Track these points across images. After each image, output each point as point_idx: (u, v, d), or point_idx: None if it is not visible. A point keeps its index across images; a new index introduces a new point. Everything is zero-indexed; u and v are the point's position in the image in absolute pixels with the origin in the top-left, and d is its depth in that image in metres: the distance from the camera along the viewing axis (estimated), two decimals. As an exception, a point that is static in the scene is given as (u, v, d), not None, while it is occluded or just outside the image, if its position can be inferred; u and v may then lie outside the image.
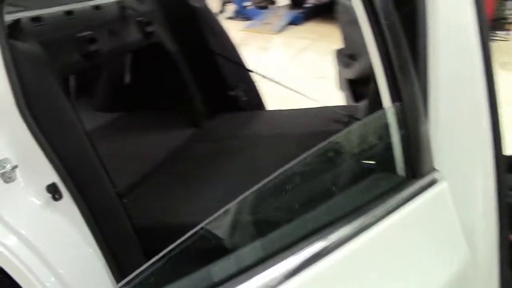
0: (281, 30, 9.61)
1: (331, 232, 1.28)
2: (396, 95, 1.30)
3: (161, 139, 3.00)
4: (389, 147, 1.29)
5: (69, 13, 2.49)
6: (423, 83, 1.35)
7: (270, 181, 1.35)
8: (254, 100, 3.39)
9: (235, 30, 9.49)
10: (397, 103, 1.29)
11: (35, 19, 2.28)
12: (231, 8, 10.72)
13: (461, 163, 1.42)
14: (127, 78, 3.34)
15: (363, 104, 3.05)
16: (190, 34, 3.26)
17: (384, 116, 1.30)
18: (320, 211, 1.30)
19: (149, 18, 3.00)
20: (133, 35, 2.90)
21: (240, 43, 8.52)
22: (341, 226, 1.27)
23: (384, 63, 1.31)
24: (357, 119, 2.75)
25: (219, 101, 3.30)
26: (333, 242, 1.27)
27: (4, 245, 1.69)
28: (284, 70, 7.22)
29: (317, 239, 1.28)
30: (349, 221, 1.26)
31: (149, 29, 3.00)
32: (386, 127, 1.30)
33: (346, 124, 2.77)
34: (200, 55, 3.25)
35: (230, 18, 10.56)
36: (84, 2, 2.68)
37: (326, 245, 1.26)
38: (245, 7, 10.64)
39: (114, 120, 3.37)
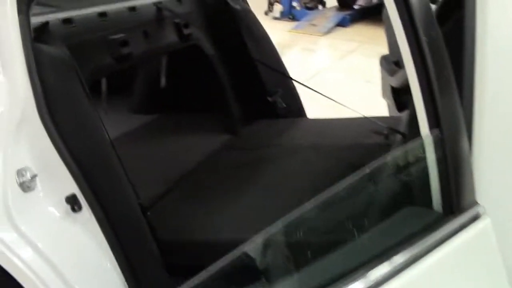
0: (328, 31, 9.44)
1: (365, 272, 1.16)
2: (435, 121, 1.17)
3: (194, 145, 2.92)
4: (424, 179, 1.15)
5: (102, 14, 2.42)
6: (467, 106, 1.21)
7: (304, 207, 1.22)
8: (293, 107, 3.27)
9: (281, 31, 9.41)
10: (436, 130, 1.16)
11: (66, 20, 2.22)
12: (278, 8, 10.59)
13: (506, 197, 1.27)
14: (163, 80, 3.26)
15: (405, 115, 2.90)
16: (229, 37, 3.16)
17: (420, 145, 1.17)
18: (350, 247, 1.18)
19: (187, 20, 2.92)
20: (169, 37, 2.82)
21: (286, 44, 8.50)
22: (374, 266, 1.14)
23: (422, 84, 1.18)
24: (398, 132, 2.60)
25: (257, 107, 3.20)
26: (368, 282, 1.15)
27: (19, 257, 1.63)
28: (330, 72, 7.08)
29: (351, 279, 1.16)
30: (381, 262, 1.13)
31: (187, 31, 2.92)
32: (422, 156, 1.16)
33: (386, 136, 2.63)
34: (239, 59, 3.15)
35: (277, 18, 10.44)
36: (119, 3, 2.62)
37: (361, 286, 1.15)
38: (292, 7, 10.50)
39: (148, 123, 3.31)
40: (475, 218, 1.21)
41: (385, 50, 3.58)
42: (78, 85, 1.83)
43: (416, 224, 1.11)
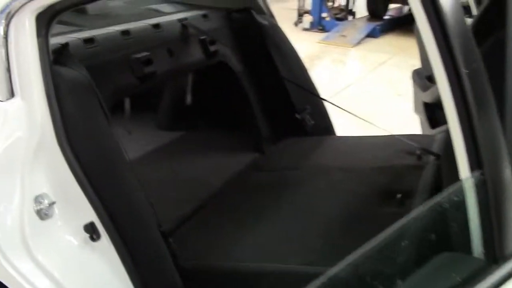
0: (358, 42, 9.33)
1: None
2: (476, 162, 1.06)
3: (220, 165, 2.85)
4: (464, 222, 1.05)
5: (125, 33, 2.38)
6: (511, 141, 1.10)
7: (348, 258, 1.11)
8: (322, 124, 3.18)
9: (311, 42, 9.33)
10: (477, 172, 1.06)
11: (88, 40, 2.17)
12: (308, 19, 10.51)
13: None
14: (190, 97, 3.21)
15: (439, 135, 2.79)
16: (256, 53, 3.09)
17: (460, 188, 1.07)
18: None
19: (213, 36, 2.86)
20: (194, 54, 2.76)
21: (315, 56, 8.42)
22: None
23: (462, 122, 1.08)
24: (431, 153, 2.50)
25: (285, 125, 3.12)
26: None
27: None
28: (360, 85, 6.96)
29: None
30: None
31: (213, 48, 2.86)
32: (462, 199, 1.06)
33: (419, 157, 2.52)
34: (266, 75, 3.08)
35: (307, 29, 10.36)
36: (143, 21, 2.57)
37: None
38: (322, 18, 10.41)
39: (173, 140, 3.26)
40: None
41: (417, 62, 3.48)
42: (98, 109, 1.77)
43: (456, 272, 1.01)
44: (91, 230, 1.65)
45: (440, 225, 1.04)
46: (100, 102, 1.80)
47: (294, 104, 3.07)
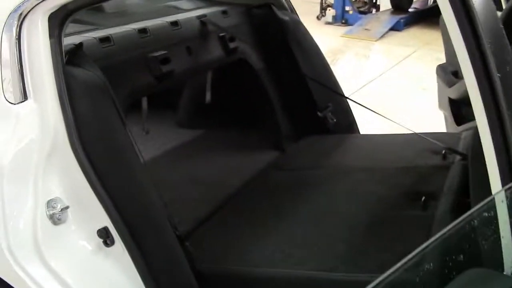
0: (382, 36, 9.19)
1: None
2: (509, 176, 0.99)
3: (240, 164, 2.79)
4: (494, 237, 0.98)
5: (142, 31, 2.33)
6: None
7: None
8: (344, 122, 3.11)
9: (334, 36, 9.22)
10: (510, 186, 0.98)
11: (104, 39, 2.13)
12: (331, 13, 10.38)
13: None
14: (209, 95, 3.16)
15: (465, 133, 2.71)
16: (277, 50, 3.03)
17: (490, 203, 0.99)
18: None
19: (232, 33, 2.80)
20: (213, 52, 2.71)
21: (338, 50, 8.32)
22: None
23: (495, 132, 1.00)
24: (458, 153, 2.41)
25: (306, 123, 3.05)
26: None
27: (48, 296, 1.54)
28: (384, 80, 6.86)
29: None
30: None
31: (233, 45, 2.80)
32: (493, 214, 0.99)
33: (444, 157, 2.44)
34: (287, 72, 3.01)
35: (329, 23, 10.24)
36: (161, 18, 2.52)
37: None
38: (345, 12, 10.28)
39: (193, 138, 3.21)
40: None
41: (442, 56, 3.39)
42: (112, 111, 1.73)
43: (491, 286, 0.94)
44: (104, 235, 1.61)
45: (469, 240, 0.97)
46: (114, 104, 1.76)
47: (315, 102, 3.00)
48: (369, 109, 2.62)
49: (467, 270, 0.94)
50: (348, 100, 3.13)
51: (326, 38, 8.31)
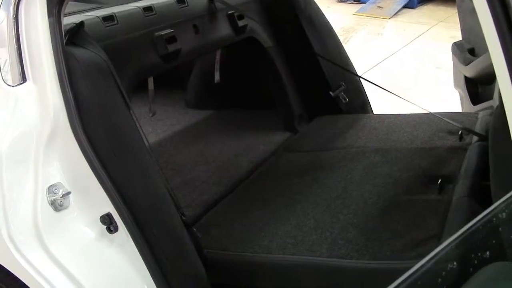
0: (395, 14, 9.02)
1: None
2: None
3: (250, 146, 2.72)
4: None
5: (148, 9, 2.25)
6: None
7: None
8: (357, 102, 3.03)
9: (346, 14, 9.07)
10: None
11: (108, 18, 2.06)
12: (343, -10, 10.21)
13: None
14: (218, 75, 3.08)
15: (482, 113, 2.61)
16: (288, 28, 2.94)
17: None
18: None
19: (241, 10, 2.72)
20: (222, 30, 2.63)
21: (351, 28, 8.18)
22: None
23: None
24: (475, 133, 2.33)
25: (318, 103, 2.97)
26: None
27: (49, 283, 1.49)
28: (397, 58, 6.73)
29: None
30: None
31: (241, 23, 2.72)
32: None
33: (460, 137, 2.35)
34: (299, 51, 2.93)
35: (342, 1, 10.06)
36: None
37: None
38: (358, -11, 10.10)
39: (202, 119, 3.15)
40: None
41: (457, 34, 3.29)
42: (115, 92, 1.66)
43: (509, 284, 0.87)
44: (108, 221, 1.56)
45: (492, 234, 0.90)
46: (118, 85, 1.69)
47: (328, 81, 2.92)
48: (382, 88, 2.54)
49: (490, 264, 0.87)
50: (361, 79, 3.04)
51: (339, 16, 8.16)
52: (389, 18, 8.87)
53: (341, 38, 3.14)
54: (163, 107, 3.28)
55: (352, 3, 9.87)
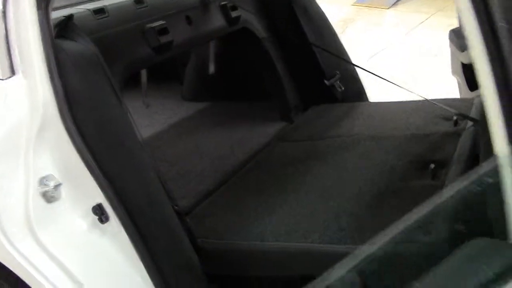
0: (394, 3, 8.99)
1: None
2: None
3: (245, 137, 2.73)
4: (499, 204, 0.91)
5: (139, 1, 2.26)
6: None
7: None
8: (352, 90, 3.03)
9: (345, 5, 9.04)
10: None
11: (98, 11, 2.06)
12: (342, -19, 10.18)
13: None
14: (213, 66, 3.09)
15: (477, 98, 2.61)
16: (281, 17, 2.94)
17: (495, 166, 0.92)
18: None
19: (235, 1, 2.72)
20: (215, 21, 2.63)
21: (350, 19, 8.15)
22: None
23: (499, 86, 0.92)
24: (469, 118, 2.33)
25: (313, 92, 2.97)
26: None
27: (42, 275, 1.50)
28: (396, 47, 6.72)
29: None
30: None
31: (235, 13, 2.72)
32: (497, 179, 0.91)
33: (455, 123, 2.35)
34: (293, 41, 2.93)
35: (341, -9, 10.04)
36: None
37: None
38: (357, -21, 10.06)
39: (198, 112, 3.15)
40: None
41: (455, 22, 3.28)
42: (106, 85, 1.66)
43: (488, 261, 0.87)
44: (99, 211, 1.56)
45: (473, 208, 0.90)
46: (108, 77, 1.69)
47: (323, 70, 2.92)
48: (377, 75, 2.54)
49: (470, 241, 0.87)
50: (356, 67, 3.04)
51: (338, 7, 8.14)
52: (388, 8, 8.84)
53: (339, 29, 3.14)
54: (160, 100, 3.29)
55: (351, -7, 9.85)
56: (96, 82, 1.65)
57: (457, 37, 3.19)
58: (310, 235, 1.75)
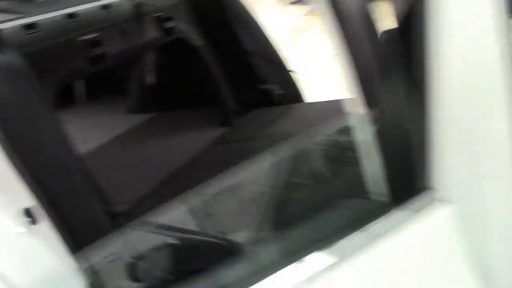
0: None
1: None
2: (373, 99, 1.02)
3: (186, 142, 2.82)
4: (358, 160, 1.01)
5: (71, 16, 2.33)
6: (418, 74, 1.04)
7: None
8: (290, 93, 3.14)
9: (298, 16, 9.18)
10: (376, 110, 1.01)
11: (29, 26, 2.13)
12: (294, -8, 10.35)
13: (470, 179, 1.12)
14: (153, 77, 3.17)
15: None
16: (217, 26, 3.05)
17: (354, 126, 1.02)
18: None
19: (169, 12, 2.81)
20: (149, 33, 2.72)
21: (302, 29, 8.28)
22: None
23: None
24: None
25: (251, 97, 3.08)
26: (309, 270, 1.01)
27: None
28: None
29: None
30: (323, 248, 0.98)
31: (169, 24, 2.81)
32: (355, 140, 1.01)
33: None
34: (228, 48, 3.03)
35: (294, 3, 10.22)
36: (92, 3, 2.52)
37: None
38: (308, -10, 10.25)
39: (141, 123, 3.23)
40: (429, 204, 1.06)
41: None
42: (34, 96, 1.74)
43: (360, 212, 0.97)
44: (29, 214, 1.62)
45: (332, 165, 1.01)
46: (37, 89, 1.77)
47: (259, 75, 3.03)
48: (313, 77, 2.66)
49: (344, 197, 0.96)
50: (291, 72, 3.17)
51: (290, 18, 8.27)
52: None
53: (292, 39, 3.25)
54: (104, 113, 3.36)
55: (304, 4, 10.00)
56: (24, 94, 1.72)
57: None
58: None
